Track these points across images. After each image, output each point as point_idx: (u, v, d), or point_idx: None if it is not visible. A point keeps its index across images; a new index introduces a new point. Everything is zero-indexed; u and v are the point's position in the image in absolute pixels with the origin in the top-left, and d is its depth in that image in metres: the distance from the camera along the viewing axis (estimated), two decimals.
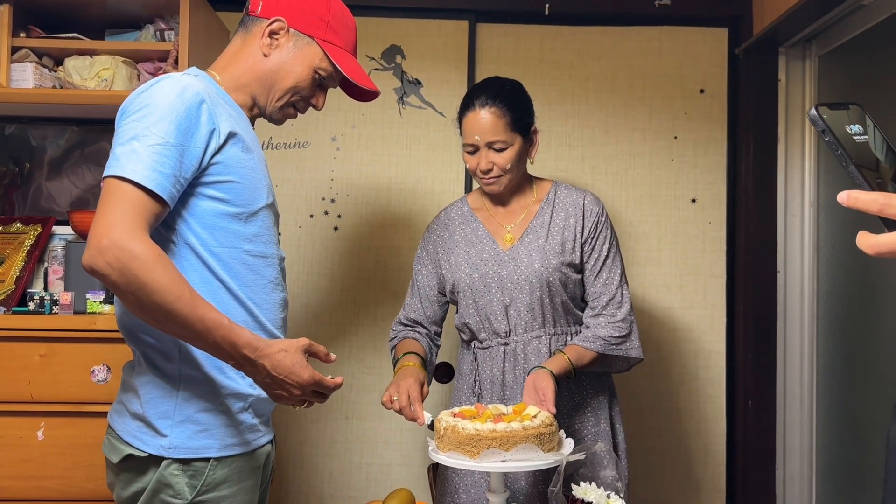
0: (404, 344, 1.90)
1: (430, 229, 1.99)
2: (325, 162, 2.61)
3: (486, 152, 1.81)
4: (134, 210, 1.22)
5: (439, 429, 1.49)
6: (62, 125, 2.49)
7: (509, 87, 1.87)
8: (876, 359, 2.17)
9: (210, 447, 1.37)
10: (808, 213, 2.51)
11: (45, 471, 1.98)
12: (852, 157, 0.72)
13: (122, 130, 1.30)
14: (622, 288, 1.85)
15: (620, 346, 1.81)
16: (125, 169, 1.24)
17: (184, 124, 1.29)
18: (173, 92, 1.31)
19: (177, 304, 1.21)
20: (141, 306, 1.22)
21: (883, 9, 2.05)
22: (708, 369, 2.61)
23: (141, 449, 1.36)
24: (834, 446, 2.40)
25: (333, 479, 2.57)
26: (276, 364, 1.30)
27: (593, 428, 1.86)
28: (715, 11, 2.61)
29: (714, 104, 2.62)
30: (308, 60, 1.51)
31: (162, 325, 1.26)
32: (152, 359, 1.37)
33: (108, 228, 1.20)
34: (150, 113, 1.28)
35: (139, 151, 1.25)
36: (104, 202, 1.24)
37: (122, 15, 2.29)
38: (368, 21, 2.61)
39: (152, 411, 1.36)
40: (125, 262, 1.18)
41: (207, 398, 1.38)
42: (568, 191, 1.91)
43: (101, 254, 1.19)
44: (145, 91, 1.33)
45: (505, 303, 1.84)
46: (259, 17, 1.50)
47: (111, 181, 1.25)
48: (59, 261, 2.21)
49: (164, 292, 1.20)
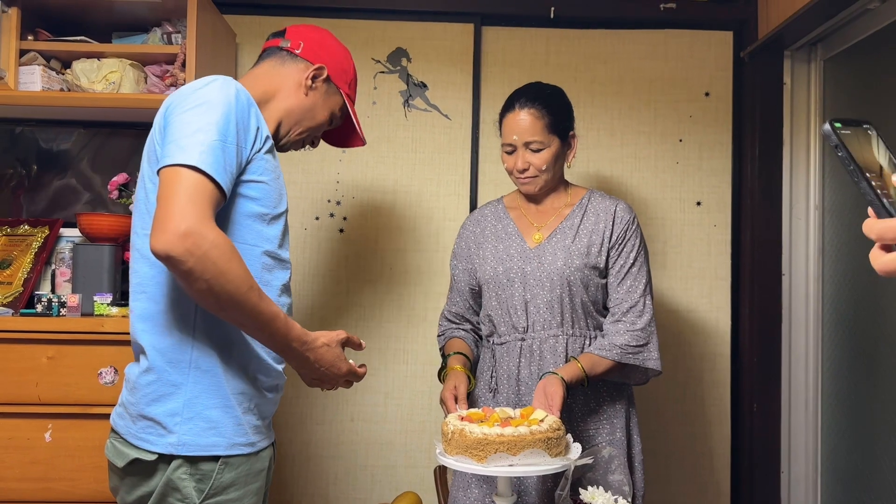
0: (451, 343, 1.97)
1: (465, 226, 2.04)
2: (330, 164, 2.62)
3: (524, 152, 1.86)
4: (206, 199, 1.25)
5: (447, 432, 1.50)
6: (70, 128, 2.50)
7: (550, 90, 1.92)
8: (881, 362, 2.17)
9: (218, 445, 1.37)
10: (813, 216, 2.51)
11: (53, 472, 1.99)
12: (865, 175, 0.73)
13: (181, 122, 1.31)
14: (645, 297, 1.85)
15: (637, 356, 1.81)
16: (196, 158, 1.25)
17: (239, 125, 1.35)
18: (230, 92, 1.35)
19: (248, 294, 1.26)
20: (213, 293, 1.24)
21: (888, 13, 2.05)
22: (713, 372, 2.61)
23: (148, 450, 1.35)
24: (839, 449, 2.40)
25: (339, 482, 2.58)
26: (319, 357, 1.42)
27: (608, 436, 1.86)
28: (720, 15, 2.61)
29: (719, 107, 2.63)
30: (331, 107, 1.65)
31: (226, 313, 1.30)
32: (161, 357, 1.37)
33: (186, 215, 1.21)
34: (210, 110, 1.31)
35: (206, 143, 1.28)
36: (177, 189, 1.23)
37: (129, 18, 2.30)
38: (374, 24, 2.62)
39: (160, 409, 1.36)
40: (205, 250, 1.20)
41: (216, 396, 1.38)
42: (602, 198, 1.94)
43: (182, 240, 1.19)
44: (201, 89, 1.35)
45: (526, 298, 1.87)
46: (299, 57, 1.59)
47: (180, 169, 1.25)
48: (67, 263, 2.22)
49: (239, 282, 1.25)
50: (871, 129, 0.76)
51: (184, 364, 1.37)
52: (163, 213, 1.22)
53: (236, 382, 1.40)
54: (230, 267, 1.23)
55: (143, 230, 1.38)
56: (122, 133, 2.50)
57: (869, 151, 0.75)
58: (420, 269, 2.61)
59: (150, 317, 1.38)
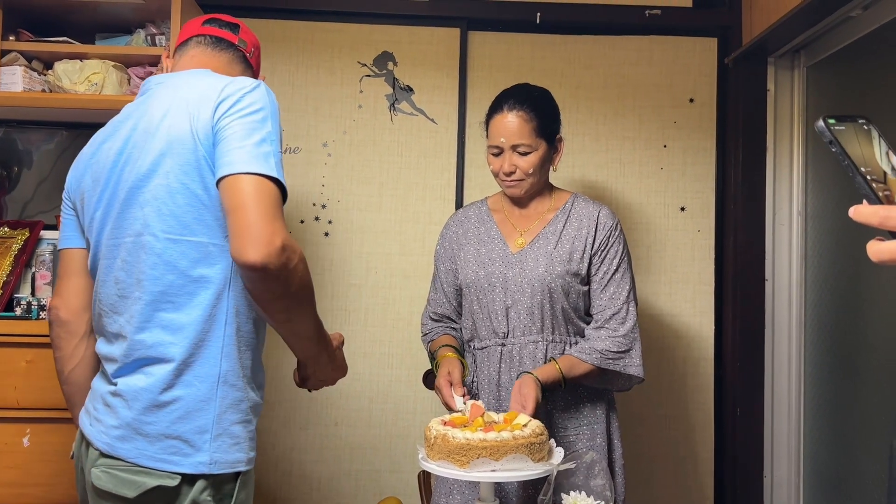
0: (440, 339, 1.97)
1: (448, 226, 2.04)
2: (316, 168, 2.61)
3: (511, 155, 1.85)
4: (282, 211, 1.26)
5: (429, 437, 1.49)
6: (51, 129, 2.47)
7: (539, 93, 1.91)
8: (863, 366, 2.18)
9: (240, 461, 1.33)
10: (797, 221, 2.53)
11: (31, 478, 1.97)
12: (859, 169, 0.74)
13: (244, 128, 1.28)
14: (629, 304, 1.85)
15: (618, 362, 1.80)
16: (273, 170, 1.26)
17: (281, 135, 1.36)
18: (275, 102, 1.37)
19: (314, 306, 1.33)
20: (292, 305, 1.27)
21: (870, 20, 2.07)
22: (696, 377, 2.62)
23: (172, 472, 1.27)
24: (821, 454, 2.42)
25: (322, 487, 2.56)
26: (336, 359, 1.49)
27: (588, 442, 1.86)
28: (705, 21, 2.63)
29: (703, 113, 2.64)
30: None
31: (293, 323, 1.32)
32: (192, 371, 1.30)
33: (280, 228, 1.22)
34: (268, 117, 1.32)
35: (275, 154, 1.28)
36: (261, 199, 1.22)
37: (113, 19, 2.29)
38: (360, 28, 2.62)
39: (187, 427, 1.28)
40: (296, 263, 1.23)
41: (239, 409, 1.33)
42: (585, 203, 1.93)
43: (280, 253, 1.19)
44: (251, 92, 1.33)
45: (507, 304, 1.86)
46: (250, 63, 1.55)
47: (259, 179, 1.23)
48: (47, 265, 2.20)
49: (312, 294, 1.30)
50: (867, 123, 0.77)
51: (213, 378, 1.31)
52: (253, 225, 1.20)
53: (252, 394, 1.37)
54: (309, 279, 1.28)
55: (167, 234, 1.30)
56: None
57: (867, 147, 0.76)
58: (405, 274, 2.60)
59: (180, 328, 1.30)
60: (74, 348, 1.48)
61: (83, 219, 1.44)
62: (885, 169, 0.75)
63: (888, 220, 0.72)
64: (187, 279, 1.30)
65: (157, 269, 1.30)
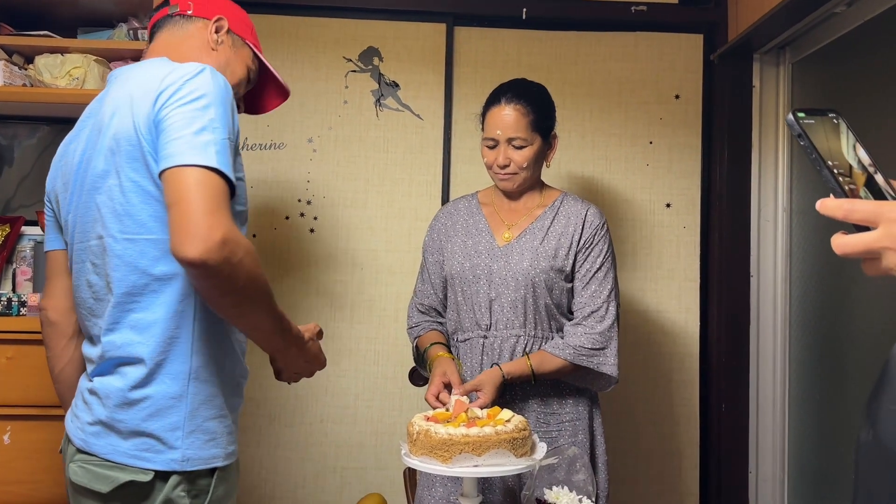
0: (430, 335, 1.96)
1: (437, 217, 2.04)
2: (301, 163, 2.59)
3: (506, 148, 1.85)
4: (227, 203, 1.19)
5: (412, 433, 1.48)
6: (32, 124, 2.45)
7: (537, 88, 1.93)
8: (847, 362, 2.19)
9: (217, 457, 1.32)
10: (782, 218, 2.53)
11: (12, 475, 1.95)
12: (826, 162, 0.74)
13: (184, 117, 1.22)
14: (609, 303, 1.85)
15: (592, 359, 1.81)
16: (213, 159, 1.19)
17: (235, 120, 1.29)
18: (222, 85, 1.29)
19: (271, 300, 1.26)
20: (241, 301, 1.21)
21: (855, 17, 2.08)
22: (681, 372, 2.63)
23: (145, 468, 1.26)
24: (806, 449, 2.43)
25: (307, 484, 2.55)
26: (307, 352, 1.42)
27: (570, 438, 1.86)
28: (690, 18, 2.63)
29: (689, 110, 2.64)
30: (244, 60, 1.54)
31: (246, 319, 1.27)
32: (161, 369, 1.28)
33: (220, 221, 1.15)
34: (211, 104, 1.24)
35: (217, 143, 1.21)
36: (200, 192, 1.16)
37: (94, 13, 2.27)
38: (346, 22, 2.60)
39: (158, 424, 1.27)
40: (241, 258, 1.16)
41: (214, 405, 1.32)
42: (574, 201, 1.94)
43: (221, 248, 1.13)
44: (193, 78, 1.26)
45: (490, 297, 1.87)
46: (195, 17, 1.48)
47: (198, 170, 1.17)
48: (28, 262, 2.18)
49: (266, 288, 1.24)
50: (837, 117, 0.78)
51: (184, 375, 1.29)
52: (190, 219, 1.14)
53: (228, 389, 1.36)
54: (259, 273, 1.21)
55: (124, 234, 1.28)
56: None
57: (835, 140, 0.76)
58: (391, 270, 2.59)
59: (148, 327, 1.28)
60: (63, 348, 1.48)
61: (60, 221, 1.44)
62: (852, 162, 0.75)
63: (852, 213, 0.73)
64: (150, 278, 1.28)
65: (119, 271, 1.28)
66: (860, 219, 0.73)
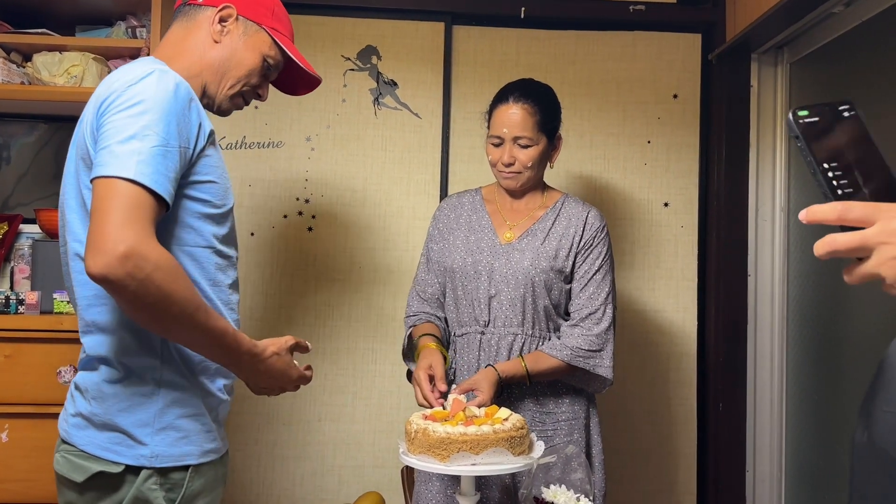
0: (424, 326, 1.93)
1: (441, 208, 2.03)
2: (299, 162, 2.59)
3: (511, 147, 1.85)
4: (145, 215, 1.14)
5: (410, 431, 1.48)
6: (30, 122, 2.45)
7: (544, 89, 1.93)
8: (844, 362, 2.20)
9: (190, 454, 1.32)
10: (779, 217, 2.54)
11: (9, 473, 1.95)
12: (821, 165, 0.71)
13: (115, 126, 1.20)
14: (606, 306, 1.85)
15: (588, 361, 1.81)
16: (132, 170, 1.15)
17: (181, 124, 1.24)
18: (169, 89, 1.24)
19: (196, 315, 1.19)
20: (156, 318, 1.17)
21: (853, 17, 2.08)
22: (679, 372, 2.63)
23: (115, 461, 1.28)
24: (803, 449, 2.43)
25: (305, 482, 2.55)
26: (270, 367, 1.36)
27: (566, 437, 1.86)
28: (688, 17, 2.63)
29: (687, 109, 2.65)
30: (258, 48, 1.48)
31: (170, 334, 1.24)
32: (130, 363, 1.30)
33: (124, 235, 1.11)
34: (147, 110, 1.21)
35: (143, 152, 1.17)
36: (111, 204, 1.13)
37: (93, 11, 2.27)
38: (344, 21, 2.60)
39: (129, 420, 1.28)
40: (148, 273, 1.11)
41: (188, 403, 1.33)
42: (575, 203, 1.95)
43: (122, 263, 1.09)
44: (135, 84, 1.24)
45: (490, 294, 1.87)
46: (204, 6, 1.45)
47: (115, 182, 1.15)
48: (26, 260, 2.18)
49: (185, 304, 1.17)
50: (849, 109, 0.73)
51: (154, 373, 1.30)
52: (98, 232, 1.12)
53: (205, 388, 1.36)
54: (175, 288, 1.15)
55: (79, 241, 1.29)
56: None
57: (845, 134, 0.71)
58: (389, 269, 2.59)
59: (114, 328, 1.30)
60: None
61: None
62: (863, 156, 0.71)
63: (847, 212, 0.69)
64: None
65: (83, 274, 1.27)
66: (856, 218, 0.69)
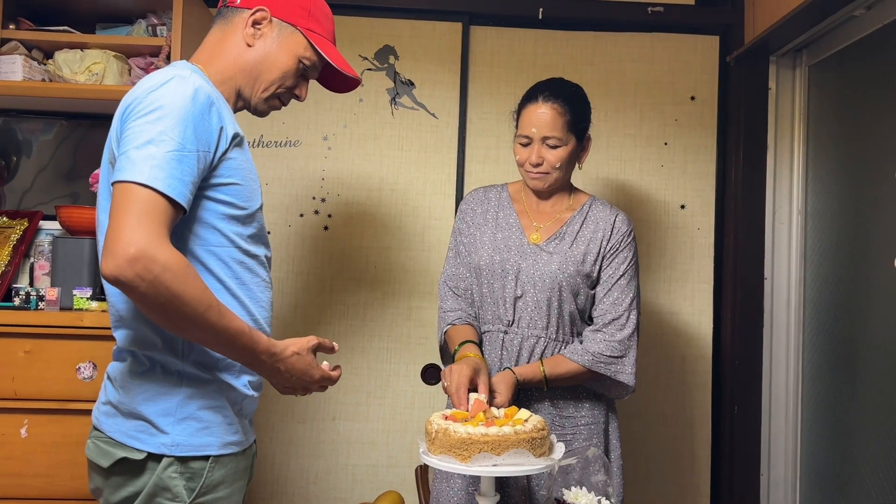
0: (464, 329, 1.87)
1: (467, 201, 2.00)
2: (316, 161, 2.60)
3: (540, 147, 1.84)
4: (158, 218, 1.19)
5: (430, 431, 1.49)
6: (51, 119, 2.46)
7: (574, 88, 1.91)
8: (861, 366, 2.19)
9: (210, 445, 1.35)
10: (796, 221, 2.53)
11: (29, 469, 1.96)
12: None
13: (134, 132, 1.25)
14: (630, 312, 1.84)
15: (610, 367, 1.80)
16: (146, 175, 1.20)
17: (199, 129, 1.27)
18: (187, 94, 1.28)
19: (207, 315, 1.22)
20: (168, 317, 1.21)
21: (873, 20, 2.07)
22: (694, 374, 2.62)
23: (139, 448, 1.32)
24: (818, 453, 2.42)
25: (319, 480, 2.56)
26: (290, 367, 1.38)
27: (585, 440, 1.85)
28: (707, 19, 2.63)
29: (705, 111, 2.64)
30: (293, 50, 1.49)
31: (185, 334, 1.28)
32: (154, 356, 1.35)
33: (135, 237, 1.16)
34: (164, 116, 1.25)
35: (158, 157, 1.21)
36: (125, 208, 1.18)
37: (113, 9, 2.28)
38: (362, 21, 2.61)
39: (152, 409, 1.33)
40: (157, 274, 1.15)
41: (209, 396, 1.36)
42: (602, 206, 1.93)
43: (131, 265, 1.14)
44: (155, 91, 1.28)
45: (516, 294, 1.86)
46: (240, 8, 1.47)
47: (130, 186, 1.20)
48: (46, 256, 2.19)
49: (195, 304, 1.20)
50: None
51: (178, 364, 1.34)
52: (112, 235, 1.17)
53: (228, 383, 1.38)
54: (184, 290, 1.18)
55: None
56: (104, 125, 2.40)
57: None
58: (405, 268, 2.60)
59: (138, 324, 1.34)
60: None
61: None
62: None
63: None
64: None
65: None
66: None
